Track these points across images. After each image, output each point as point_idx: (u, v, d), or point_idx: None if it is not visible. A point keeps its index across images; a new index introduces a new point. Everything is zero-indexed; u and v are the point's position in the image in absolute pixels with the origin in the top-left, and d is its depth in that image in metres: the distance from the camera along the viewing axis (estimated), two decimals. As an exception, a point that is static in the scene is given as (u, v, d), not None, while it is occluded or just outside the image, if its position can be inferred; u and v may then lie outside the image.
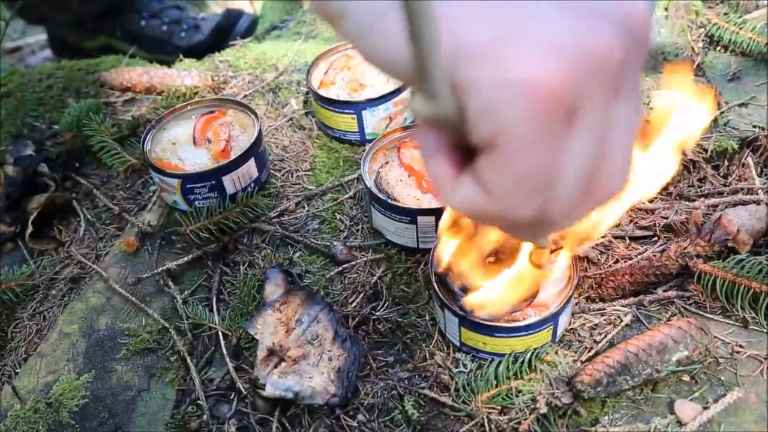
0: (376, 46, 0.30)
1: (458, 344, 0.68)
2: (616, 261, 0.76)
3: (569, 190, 0.29)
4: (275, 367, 0.67)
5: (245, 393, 0.68)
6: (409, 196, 0.79)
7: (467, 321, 0.64)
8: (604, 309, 0.71)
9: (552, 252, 0.62)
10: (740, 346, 0.66)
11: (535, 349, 0.65)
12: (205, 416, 0.67)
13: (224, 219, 0.82)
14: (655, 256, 0.75)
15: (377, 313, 0.74)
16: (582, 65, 0.26)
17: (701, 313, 0.70)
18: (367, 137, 0.94)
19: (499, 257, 0.68)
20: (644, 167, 0.60)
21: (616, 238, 0.79)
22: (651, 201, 0.82)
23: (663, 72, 0.67)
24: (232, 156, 0.86)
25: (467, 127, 0.28)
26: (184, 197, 0.85)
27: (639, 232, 0.79)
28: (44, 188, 0.93)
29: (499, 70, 0.26)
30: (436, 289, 0.66)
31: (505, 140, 0.27)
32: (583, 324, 0.70)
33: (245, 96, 1.08)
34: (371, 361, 0.70)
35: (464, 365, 0.68)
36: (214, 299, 0.78)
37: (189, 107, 0.94)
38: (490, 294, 0.63)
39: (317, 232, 0.85)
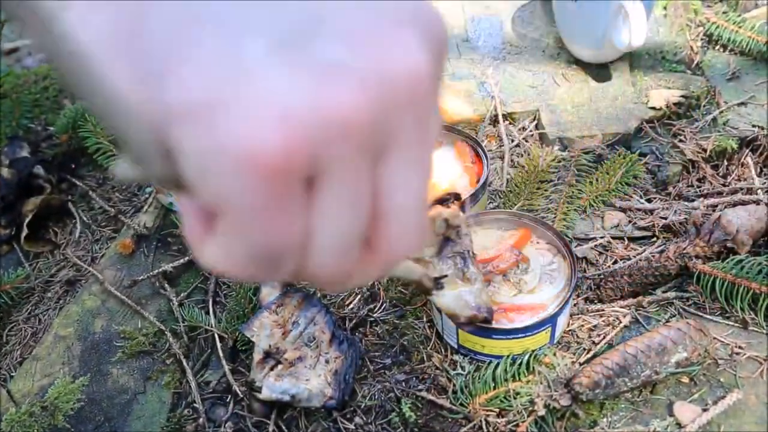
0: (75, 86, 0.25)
1: (456, 346, 0.68)
2: (615, 262, 0.76)
3: (330, 256, 0.26)
4: (272, 369, 0.66)
5: (242, 396, 0.68)
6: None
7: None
8: (603, 310, 0.71)
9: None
10: (740, 347, 0.65)
11: (533, 351, 0.65)
12: (201, 419, 0.67)
13: (220, 220, 0.82)
14: (654, 256, 0.74)
15: (374, 315, 0.73)
16: (312, 131, 0.22)
17: (700, 314, 0.69)
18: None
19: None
20: None
21: (614, 238, 0.78)
22: (650, 201, 0.82)
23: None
24: (229, 157, 0.85)
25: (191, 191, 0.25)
26: (180, 199, 0.84)
27: (638, 233, 0.79)
28: (40, 190, 0.93)
29: (212, 135, 0.22)
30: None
31: (227, 209, 0.24)
32: (582, 325, 0.70)
33: (242, 97, 1.07)
34: (368, 363, 0.69)
35: (462, 367, 0.67)
36: (211, 301, 0.77)
37: (185, 108, 0.93)
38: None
39: (314, 233, 0.84)
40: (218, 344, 0.72)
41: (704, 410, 0.61)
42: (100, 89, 0.23)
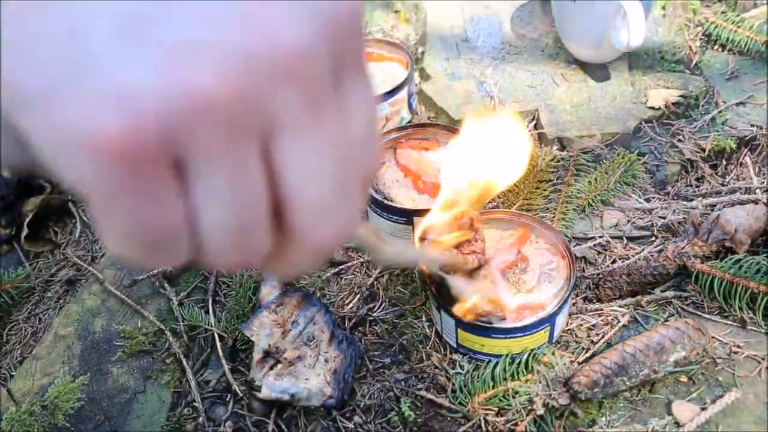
0: None
1: (455, 345, 0.68)
2: (614, 261, 0.76)
3: (221, 244, 0.25)
4: (271, 368, 0.66)
5: (241, 395, 0.68)
6: (406, 196, 0.79)
7: (464, 322, 0.64)
8: (602, 309, 0.71)
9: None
10: (738, 346, 0.66)
11: (532, 350, 0.65)
12: (200, 418, 0.67)
13: (220, 220, 0.82)
14: (652, 256, 0.74)
15: (374, 315, 0.74)
16: (162, 113, 0.21)
17: (699, 313, 0.69)
18: (364, 137, 0.94)
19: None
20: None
21: (613, 238, 0.78)
22: (649, 201, 0.82)
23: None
24: (228, 157, 0.85)
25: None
26: (180, 198, 0.84)
27: (636, 232, 0.79)
28: (40, 190, 0.93)
29: (55, 121, 0.21)
30: (433, 290, 0.66)
31: (86, 195, 0.23)
32: (581, 325, 0.70)
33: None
34: (368, 362, 0.70)
35: (461, 366, 0.67)
36: (210, 301, 0.77)
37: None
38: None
39: (314, 233, 0.85)
40: (218, 343, 0.72)
41: (703, 409, 0.61)
42: None
